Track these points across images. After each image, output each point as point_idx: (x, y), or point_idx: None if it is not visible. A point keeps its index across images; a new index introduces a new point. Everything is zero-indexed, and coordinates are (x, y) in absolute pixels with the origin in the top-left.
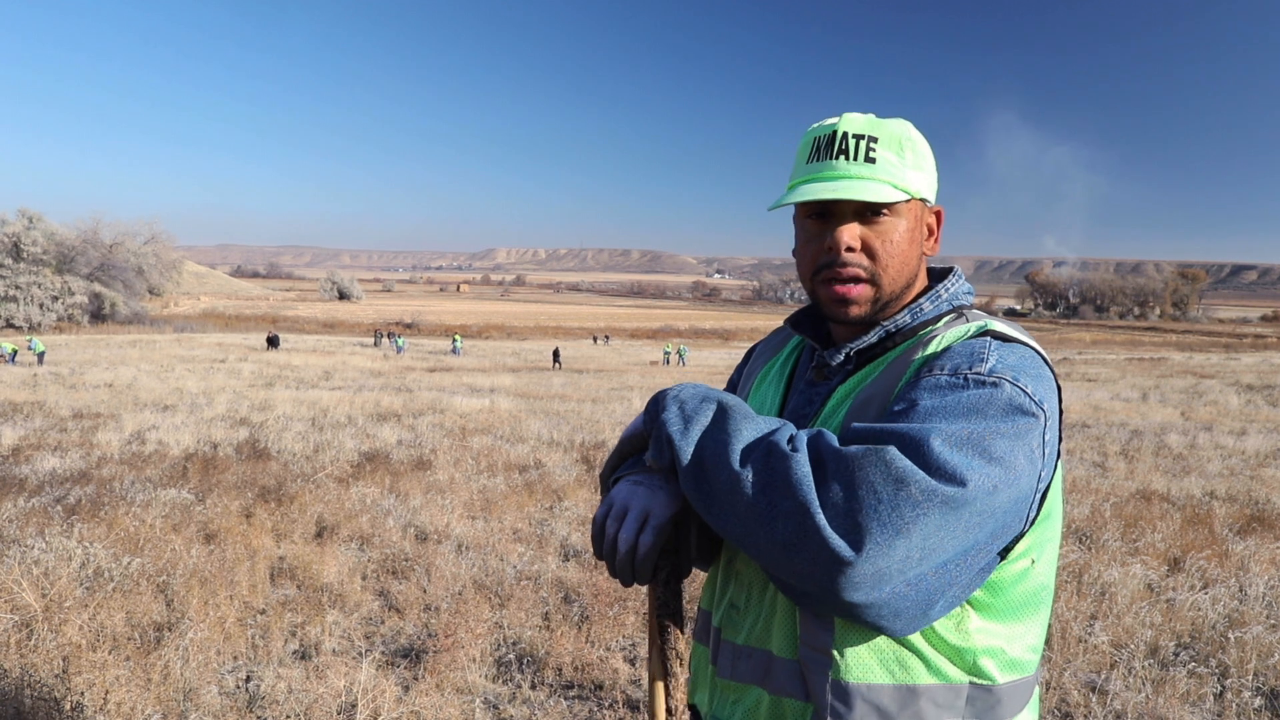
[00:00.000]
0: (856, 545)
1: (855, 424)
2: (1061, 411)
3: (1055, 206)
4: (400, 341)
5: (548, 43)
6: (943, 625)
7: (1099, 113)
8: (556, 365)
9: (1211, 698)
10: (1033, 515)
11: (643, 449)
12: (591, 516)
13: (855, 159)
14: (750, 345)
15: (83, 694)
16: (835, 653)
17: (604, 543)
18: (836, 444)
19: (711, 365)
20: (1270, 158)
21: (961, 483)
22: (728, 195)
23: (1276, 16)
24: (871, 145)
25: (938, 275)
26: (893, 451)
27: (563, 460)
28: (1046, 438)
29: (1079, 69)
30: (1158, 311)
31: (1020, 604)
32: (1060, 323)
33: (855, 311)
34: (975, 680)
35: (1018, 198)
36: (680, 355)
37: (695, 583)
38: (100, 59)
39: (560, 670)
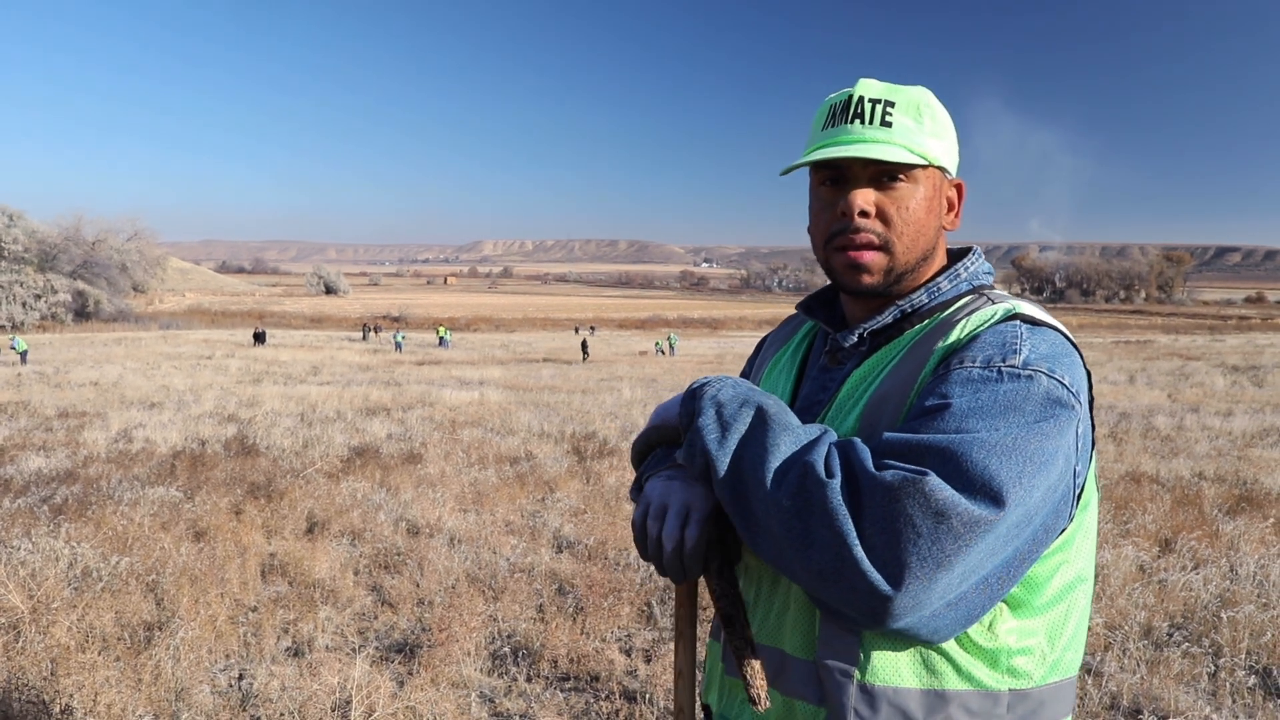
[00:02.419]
0: (896, 580)
1: (888, 434)
2: (1092, 396)
3: (1041, 191)
4: (400, 338)
5: (532, 34)
6: (974, 628)
7: (1083, 96)
8: (585, 357)
9: (1206, 677)
10: (1072, 510)
11: (673, 441)
12: (584, 508)
13: (871, 123)
14: (760, 330)
15: (72, 696)
16: (861, 655)
17: (648, 543)
18: (872, 466)
19: (700, 354)
20: (1255, 141)
21: (1003, 502)
22: (714, 185)
23: (1260, 2)
24: (888, 110)
25: (956, 255)
26: (932, 482)
27: (554, 452)
28: (1081, 429)
29: (1062, 54)
30: (1143, 294)
31: (1057, 597)
32: (1047, 307)
33: (868, 280)
34: (1013, 685)
35: (1003, 183)
36: (670, 344)
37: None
38: (79, 56)
39: (556, 662)
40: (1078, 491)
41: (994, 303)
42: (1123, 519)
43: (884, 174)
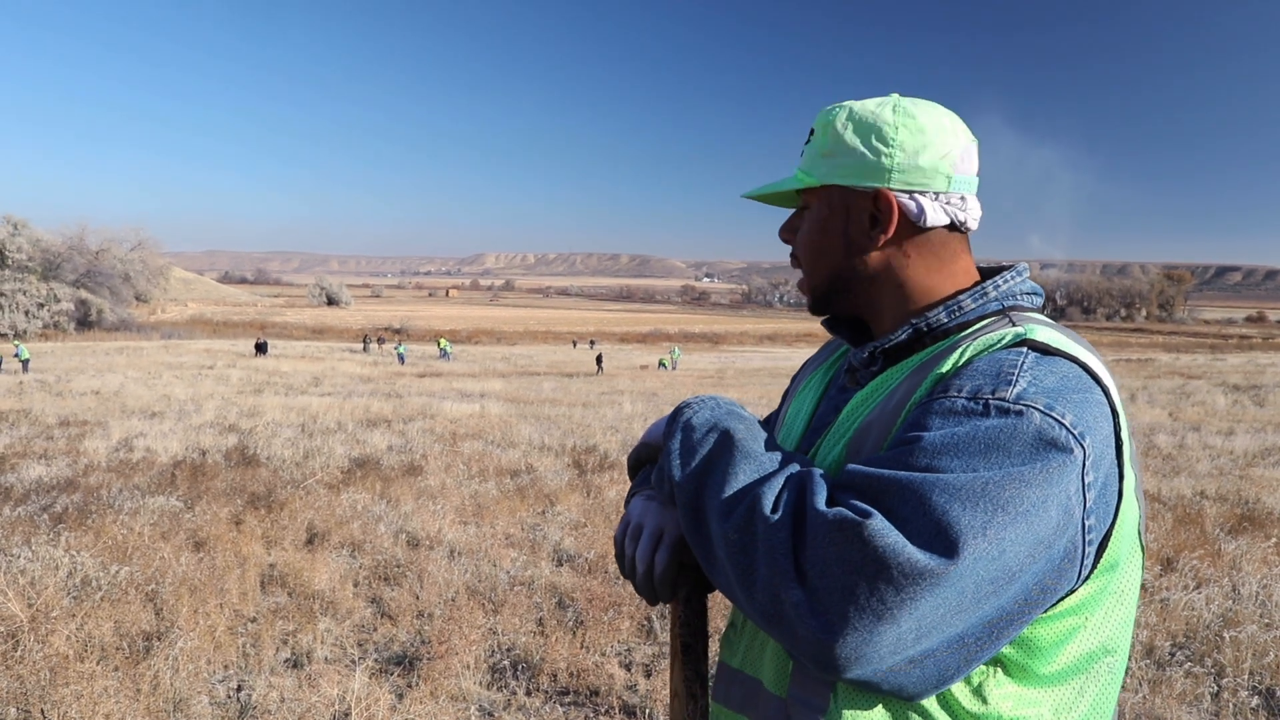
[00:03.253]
0: (832, 630)
1: (850, 466)
2: (1122, 439)
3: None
4: (402, 350)
5: (536, 47)
6: (959, 688)
7: (1084, 113)
8: (600, 370)
9: (1208, 697)
10: (1085, 570)
11: (656, 458)
12: (584, 521)
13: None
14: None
15: (70, 705)
16: (831, 701)
17: (624, 562)
18: (822, 503)
19: (701, 369)
20: (1256, 160)
21: (956, 553)
22: (716, 199)
23: (1263, 20)
24: (810, 137)
25: (992, 272)
26: (875, 525)
27: (554, 465)
28: (1089, 478)
29: (1064, 71)
30: (1144, 313)
31: (1072, 669)
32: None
33: (806, 301)
34: None
35: (1003, 200)
36: (674, 358)
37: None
38: (85, 67)
39: (555, 676)
40: (1092, 547)
41: (1014, 325)
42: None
43: (798, 203)
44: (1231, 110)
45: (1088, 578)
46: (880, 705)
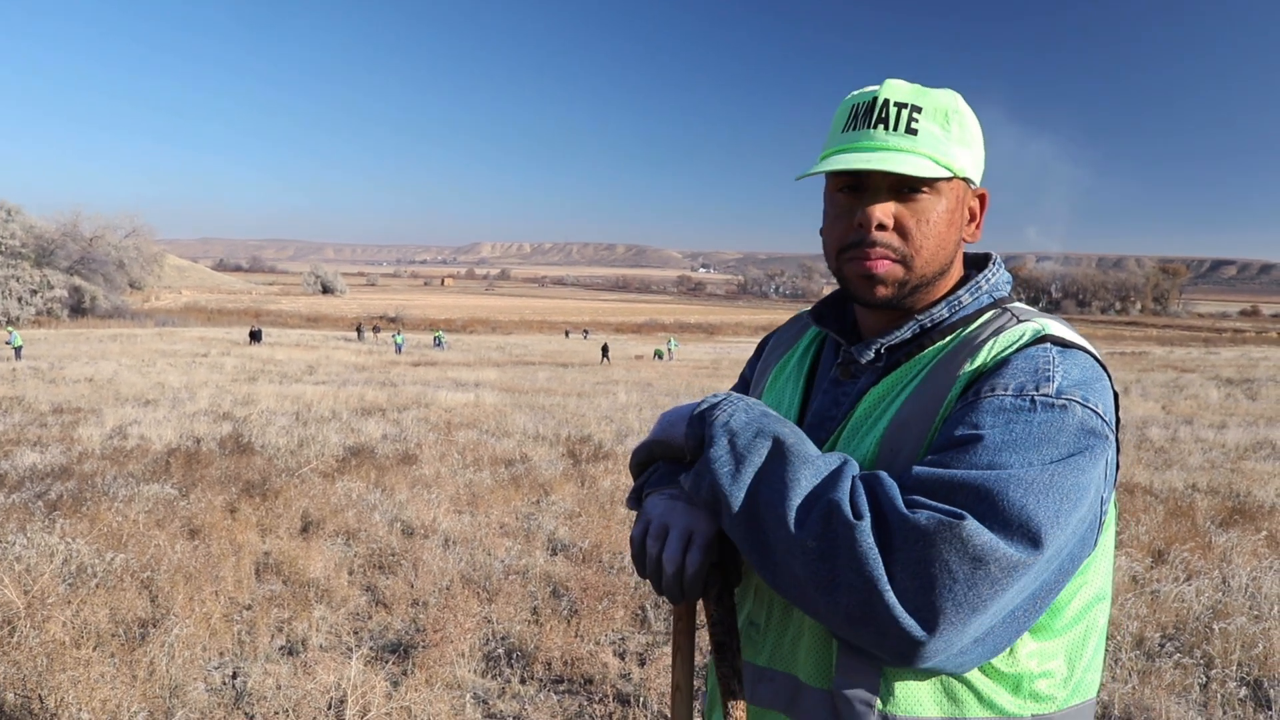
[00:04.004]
0: (929, 626)
1: (918, 469)
2: (1118, 418)
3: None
4: (400, 339)
5: (532, 36)
6: None
7: (1082, 106)
8: (605, 360)
9: (1197, 688)
10: (1097, 537)
11: (676, 457)
12: (579, 511)
13: (895, 129)
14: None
15: (67, 692)
16: (883, 686)
17: (647, 562)
18: (903, 506)
19: (697, 359)
20: (1251, 155)
21: (1041, 543)
22: (713, 190)
23: (1260, 15)
24: (915, 115)
25: (975, 263)
26: (970, 526)
27: (549, 454)
28: (1111, 456)
29: (1061, 63)
30: (1139, 306)
31: (1076, 618)
32: None
33: (882, 292)
34: (1035, 710)
35: (1000, 193)
36: (670, 349)
37: None
38: (79, 52)
39: (550, 665)
40: (1103, 519)
41: (1020, 320)
42: (1116, 529)
43: (905, 184)
44: (1229, 104)
45: (1096, 543)
46: (928, 681)
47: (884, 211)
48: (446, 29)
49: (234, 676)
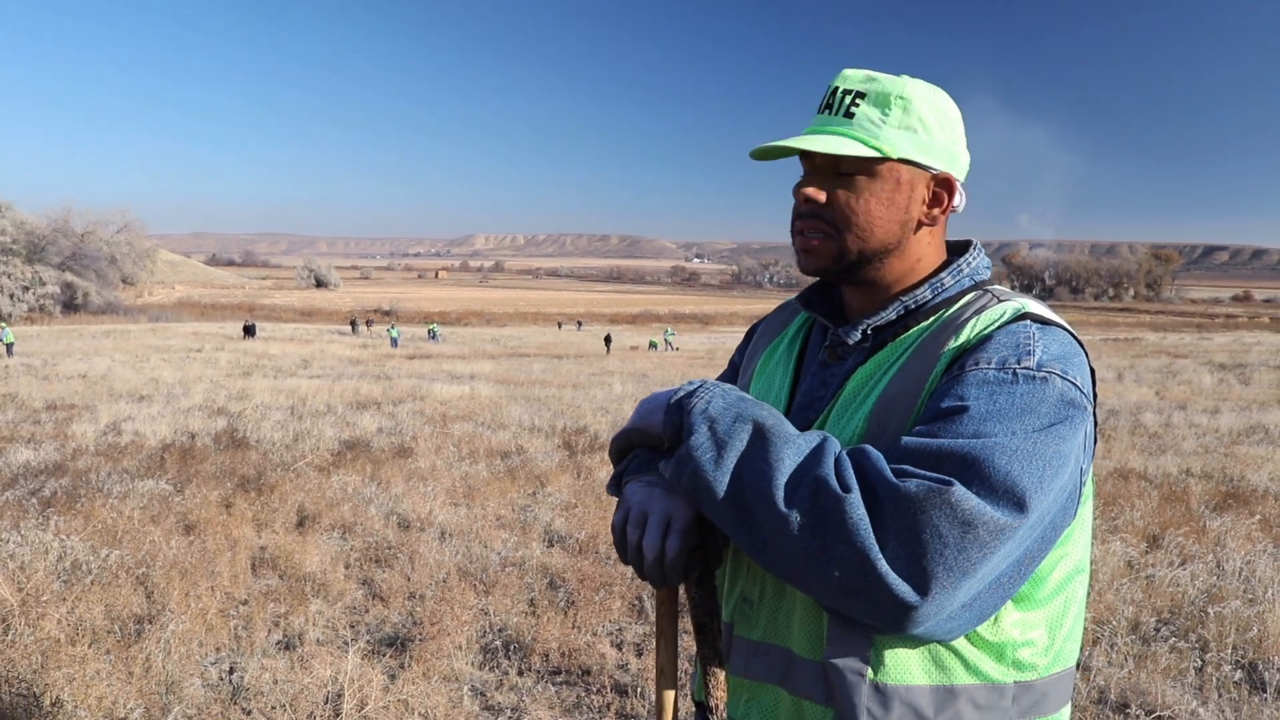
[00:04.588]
0: (922, 590)
1: (905, 439)
2: (1095, 392)
3: (1031, 187)
4: (395, 333)
5: (525, 28)
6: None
7: (1074, 94)
8: (609, 351)
9: (1192, 672)
10: (1077, 506)
11: (654, 445)
12: (574, 502)
13: (835, 113)
14: (750, 324)
15: (63, 688)
16: (873, 655)
17: (628, 549)
18: (891, 475)
19: (692, 350)
20: (1243, 141)
21: (1026, 507)
22: (706, 180)
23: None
24: (856, 101)
25: (956, 249)
26: (958, 492)
27: (544, 446)
28: (1089, 428)
29: (1054, 51)
30: (1132, 292)
31: (1057, 589)
32: None
33: (813, 265)
34: (1018, 677)
35: (993, 180)
36: (667, 339)
37: None
38: (68, 46)
39: (547, 656)
40: (1082, 489)
41: (1000, 300)
42: (1111, 515)
43: (842, 166)
44: (1220, 91)
45: (1076, 513)
46: (918, 649)
47: (814, 189)
48: (439, 21)
49: (230, 671)
